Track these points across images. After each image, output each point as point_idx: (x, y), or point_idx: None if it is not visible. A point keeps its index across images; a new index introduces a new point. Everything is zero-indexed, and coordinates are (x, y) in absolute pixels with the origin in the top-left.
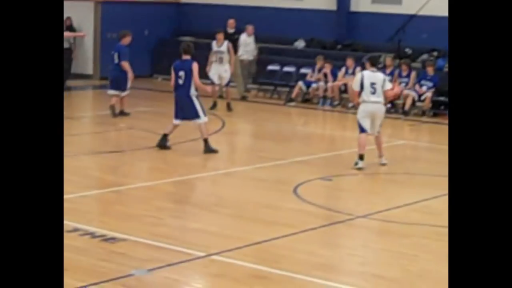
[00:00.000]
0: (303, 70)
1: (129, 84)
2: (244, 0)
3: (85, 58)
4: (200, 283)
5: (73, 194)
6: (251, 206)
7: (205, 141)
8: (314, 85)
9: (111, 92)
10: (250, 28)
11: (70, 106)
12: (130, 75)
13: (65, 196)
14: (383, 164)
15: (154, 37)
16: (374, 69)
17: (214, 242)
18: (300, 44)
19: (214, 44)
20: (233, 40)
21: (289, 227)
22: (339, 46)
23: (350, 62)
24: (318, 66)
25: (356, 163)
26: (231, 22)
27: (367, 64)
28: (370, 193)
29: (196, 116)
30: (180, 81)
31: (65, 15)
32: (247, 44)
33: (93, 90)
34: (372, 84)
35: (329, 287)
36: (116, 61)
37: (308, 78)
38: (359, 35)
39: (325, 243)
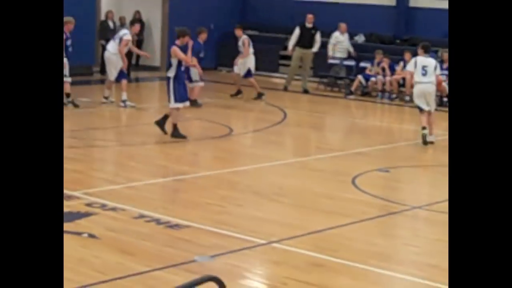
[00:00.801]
0: (362, 64)
1: (194, 76)
2: None
3: (153, 50)
4: (261, 269)
5: (139, 182)
6: (311, 195)
7: (174, 126)
8: (373, 79)
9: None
10: (343, 25)
11: (138, 97)
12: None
13: (131, 184)
14: (431, 142)
15: (219, 31)
16: (427, 55)
17: (275, 230)
18: (360, 38)
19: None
20: (311, 35)
21: (347, 216)
22: (397, 41)
23: (408, 56)
24: (377, 60)
25: (422, 131)
26: (310, 17)
27: (420, 51)
28: (426, 185)
29: (168, 99)
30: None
31: (134, 9)
32: (340, 42)
33: (160, 81)
34: (424, 67)
35: (385, 275)
36: None
37: (367, 72)
38: (418, 30)
39: (381, 233)
